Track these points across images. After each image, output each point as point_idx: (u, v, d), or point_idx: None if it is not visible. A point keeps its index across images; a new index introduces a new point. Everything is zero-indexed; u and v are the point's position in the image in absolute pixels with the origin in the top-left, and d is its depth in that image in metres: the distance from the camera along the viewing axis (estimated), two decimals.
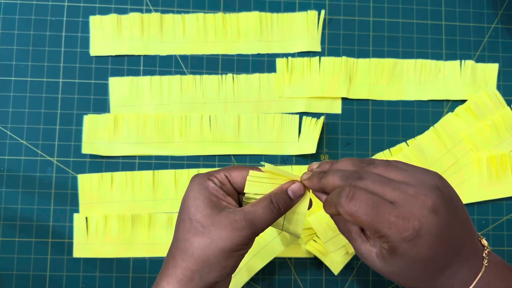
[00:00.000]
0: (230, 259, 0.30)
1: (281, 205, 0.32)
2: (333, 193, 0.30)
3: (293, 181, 0.33)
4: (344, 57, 0.50)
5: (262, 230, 0.31)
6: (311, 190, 0.34)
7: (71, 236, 0.47)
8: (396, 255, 0.28)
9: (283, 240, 0.45)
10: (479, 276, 0.29)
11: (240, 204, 0.35)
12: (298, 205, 0.34)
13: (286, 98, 0.49)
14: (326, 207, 0.31)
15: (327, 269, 0.47)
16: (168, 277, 0.30)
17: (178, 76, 0.49)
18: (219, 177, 0.32)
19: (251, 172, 0.33)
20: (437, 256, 0.28)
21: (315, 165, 0.34)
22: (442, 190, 0.28)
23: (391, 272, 0.29)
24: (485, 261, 0.29)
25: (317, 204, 0.45)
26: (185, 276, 0.30)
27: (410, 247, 0.27)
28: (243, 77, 0.49)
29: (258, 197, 0.33)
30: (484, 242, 0.31)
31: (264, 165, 0.33)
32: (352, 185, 0.29)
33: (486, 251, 0.30)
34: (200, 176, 0.33)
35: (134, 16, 0.49)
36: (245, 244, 0.30)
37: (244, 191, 0.33)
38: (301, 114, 0.49)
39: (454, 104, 0.50)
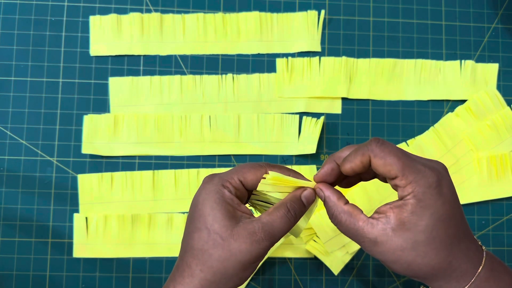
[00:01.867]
0: (247, 270, 0.30)
1: (297, 212, 0.32)
2: (358, 147, 0.30)
3: (304, 188, 0.33)
4: (344, 57, 0.50)
5: (279, 240, 0.31)
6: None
7: (71, 236, 0.47)
8: (422, 209, 0.28)
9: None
10: (483, 261, 0.29)
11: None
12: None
13: (286, 98, 0.49)
14: (349, 161, 0.31)
15: (327, 269, 0.47)
16: (184, 286, 0.30)
17: (178, 76, 0.49)
18: (234, 184, 0.32)
19: (262, 182, 0.32)
20: (455, 216, 0.29)
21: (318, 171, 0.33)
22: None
23: (412, 243, 0.28)
24: (484, 250, 0.30)
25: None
26: (202, 287, 0.30)
27: (435, 195, 0.28)
28: (243, 77, 0.49)
29: (268, 195, 0.32)
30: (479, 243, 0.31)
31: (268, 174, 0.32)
32: (375, 138, 0.30)
33: (484, 248, 0.31)
34: (215, 182, 0.32)
35: (134, 16, 0.49)
36: (263, 255, 0.31)
37: (256, 190, 0.32)
38: (301, 114, 0.49)
39: (454, 104, 0.50)
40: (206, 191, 0.31)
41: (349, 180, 0.34)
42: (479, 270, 0.29)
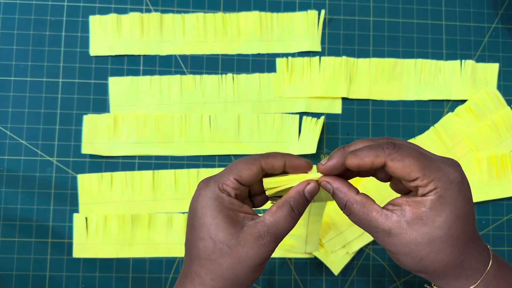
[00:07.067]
0: (257, 272, 0.31)
1: (300, 210, 0.31)
2: (371, 147, 0.29)
3: (307, 181, 0.32)
4: (344, 57, 0.50)
5: (283, 238, 0.31)
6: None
7: (71, 236, 0.47)
8: (441, 205, 0.28)
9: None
10: (491, 259, 0.30)
11: (250, 195, 0.34)
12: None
13: (286, 98, 0.49)
14: (358, 157, 0.29)
15: (327, 269, 0.47)
16: None
17: (178, 76, 0.49)
18: (231, 185, 0.31)
19: (266, 186, 0.32)
20: (472, 214, 0.29)
21: (323, 161, 0.32)
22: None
23: (428, 238, 0.28)
24: (489, 248, 0.31)
25: None
26: None
27: (457, 191, 0.28)
28: (243, 77, 0.49)
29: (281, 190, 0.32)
30: None
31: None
32: (390, 141, 0.30)
33: (488, 246, 0.31)
34: (211, 187, 0.31)
35: (134, 16, 0.49)
36: (270, 256, 0.31)
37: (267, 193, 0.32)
38: (301, 114, 0.49)
39: (454, 104, 0.50)
40: (204, 198, 0.30)
41: (347, 174, 0.33)
42: (488, 268, 0.29)
